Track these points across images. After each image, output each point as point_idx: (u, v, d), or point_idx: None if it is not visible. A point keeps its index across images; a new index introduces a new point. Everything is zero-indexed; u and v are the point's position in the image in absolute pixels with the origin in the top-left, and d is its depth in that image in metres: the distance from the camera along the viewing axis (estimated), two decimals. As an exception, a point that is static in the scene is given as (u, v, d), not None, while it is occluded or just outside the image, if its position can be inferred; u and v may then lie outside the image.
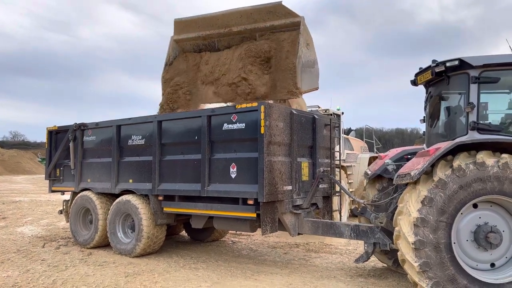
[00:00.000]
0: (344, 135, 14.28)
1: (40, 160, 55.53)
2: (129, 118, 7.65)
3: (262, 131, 5.73)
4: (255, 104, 5.92)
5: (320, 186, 6.75)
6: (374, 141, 15.61)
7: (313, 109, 11.23)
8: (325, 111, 11.89)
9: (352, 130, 16.78)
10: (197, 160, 6.51)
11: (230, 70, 6.49)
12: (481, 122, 4.78)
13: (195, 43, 6.73)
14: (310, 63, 6.55)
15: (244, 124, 6.03)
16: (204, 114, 6.47)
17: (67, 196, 9.04)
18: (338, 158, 7.77)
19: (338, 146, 10.69)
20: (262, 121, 5.73)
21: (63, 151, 8.74)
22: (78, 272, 6.25)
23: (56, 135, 9.05)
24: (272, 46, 6.30)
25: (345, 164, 11.01)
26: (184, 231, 9.42)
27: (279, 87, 6.52)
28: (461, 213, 4.53)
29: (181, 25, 6.77)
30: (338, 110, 12.67)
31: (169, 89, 7.37)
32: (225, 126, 6.23)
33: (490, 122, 4.91)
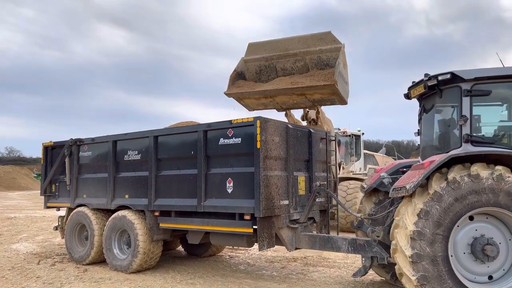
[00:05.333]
0: (367, 151, 16.83)
1: (35, 176, 55.17)
2: (125, 133, 7.67)
3: (258, 146, 5.75)
4: (251, 118, 5.96)
5: (317, 200, 6.75)
6: (396, 157, 17.37)
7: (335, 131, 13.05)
8: (343, 133, 13.96)
9: (384, 147, 18.65)
10: (193, 175, 6.51)
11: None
12: (475, 134, 4.83)
13: (258, 64, 7.57)
14: (344, 80, 7.15)
15: (240, 138, 6.05)
16: (200, 129, 6.49)
17: (63, 212, 8.98)
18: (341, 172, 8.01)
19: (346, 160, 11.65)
20: (258, 136, 5.75)
21: (59, 167, 8.71)
22: (73, 289, 6.18)
23: (52, 150, 9.04)
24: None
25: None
26: (180, 246, 9.36)
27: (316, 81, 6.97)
28: (458, 226, 4.54)
29: (252, 47, 7.64)
30: (359, 131, 14.82)
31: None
32: (221, 140, 6.25)
33: (483, 135, 4.96)
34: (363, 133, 15.05)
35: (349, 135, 14.49)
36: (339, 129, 14.32)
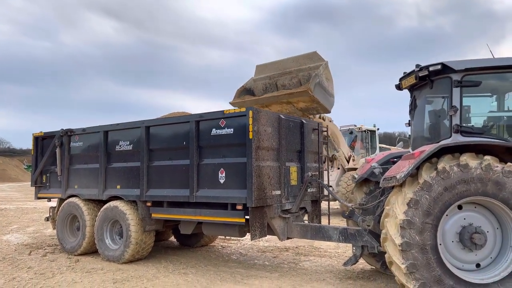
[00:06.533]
0: (384, 145, 18.89)
1: (26, 167, 54.70)
2: (117, 124, 7.62)
3: (251, 136, 5.76)
4: (243, 109, 5.96)
5: (309, 190, 6.80)
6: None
7: (350, 127, 16.01)
8: (359, 128, 15.94)
9: (401, 141, 19.92)
10: (186, 165, 6.51)
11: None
12: (464, 125, 4.89)
13: (264, 82, 8.61)
14: (327, 91, 7.93)
15: (232, 129, 6.06)
16: (192, 119, 6.48)
17: (54, 203, 8.94)
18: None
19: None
20: (251, 126, 5.76)
21: (50, 157, 8.65)
22: (65, 279, 6.18)
23: (42, 141, 8.96)
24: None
25: None
26: (173, 237, 9.38)
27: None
28: (446, 215, 4.60)
29: (259, 68, 8.76)
30: (374, 126, 16.60)
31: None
32: (214, 131, 6.25)
33: (473, 125, 5.02)
34: (378, 129, 16.69)
35: (365, 131, 16.11)
36: (355, 125, 16.06)
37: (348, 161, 14.36)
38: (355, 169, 13.95)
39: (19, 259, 7.60)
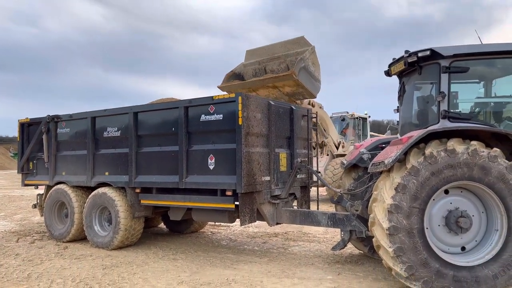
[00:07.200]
0: (373, 133, 18.92)
1: (12, 155, 53.91)
2: (105, 110, 7.53)
3: (240, 122, 5.74)
4: (232, 95, 5.93)
5: (298, 176, 6.83)
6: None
7: (342, 114, 16.20)
8: (351, 116, 16.12)
9: (391, 129, 20.11)
10: (175, 151, 6.48)
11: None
12: (452, 110, 4.93)
13: (253, 67, 8.57)
14: (313, 76, 7.95)
15: (221, 115, 6.03)
16: (181, 105, 6.43)
17: (41, 190, 8.85)
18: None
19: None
20: (240, 112, 5.74)
21: (36, 144, 8.53)
22: (54, 265, 6.15)
23: (28, 127, 8.82)
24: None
25: None
26: (162, 224, 9.38)
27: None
28: (433, 199, 4.67)
29: (249, 53, 8.72)
30: (366, 114, 16.80)
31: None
32: (203, 117, 6.21)
33: (460, 111, 5.07)
34: (369, 116, 16.93)
35: (357, 118, 16.28)
36: (347, 112, 16.23)
37: (337, 148, 14.46)
38: (344, 155, 14.10)
39: (7, 246, 7.54)
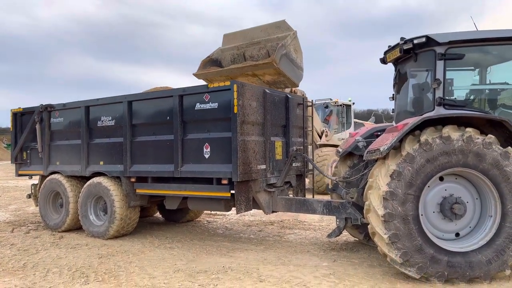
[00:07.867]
0: (357, 120, 18.52)
1: (6, 146, 53.50)
2: (98, 99, 7.46)
3: (235, 111, 5.72)
4: (227, 83, 5.89)
5: (294, 164, 6.83)
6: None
7: (326, 101, 15.59)
8: (335, 103, 15.55)
9: (372, 116, 19.82)
10: (170, 140, 6.45)
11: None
12: (447, 97, 4.94)
13: (232, 53, 8.10)
14: (294, 63, 7.55)
15: (217, 103, 6.00)
16: (175, 94, 6.38)
17: (35, 180, 8.80)
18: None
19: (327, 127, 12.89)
20: (235, 101, 5.71)
21: (30, 134, 8.46)
22: (49, 255, 6.15)
23: (21, 117, 8.73)
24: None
25: None
26: (158, 213, 9.38)
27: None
28: (428, 186, 4.70)
29: (226, 38, 8.20)
30: (350, 101, 16.20)
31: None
32: (198, 106, 6.17)
33: (455, 98, 5.08)
34: (353, 103, 16.36)
35: (340, 105, 15.76)
36: (331, 99, 15.63)
37: (320, 137, 14.13)
38: (327, 145, 13.84)
39: (2, 236, 7.51)
